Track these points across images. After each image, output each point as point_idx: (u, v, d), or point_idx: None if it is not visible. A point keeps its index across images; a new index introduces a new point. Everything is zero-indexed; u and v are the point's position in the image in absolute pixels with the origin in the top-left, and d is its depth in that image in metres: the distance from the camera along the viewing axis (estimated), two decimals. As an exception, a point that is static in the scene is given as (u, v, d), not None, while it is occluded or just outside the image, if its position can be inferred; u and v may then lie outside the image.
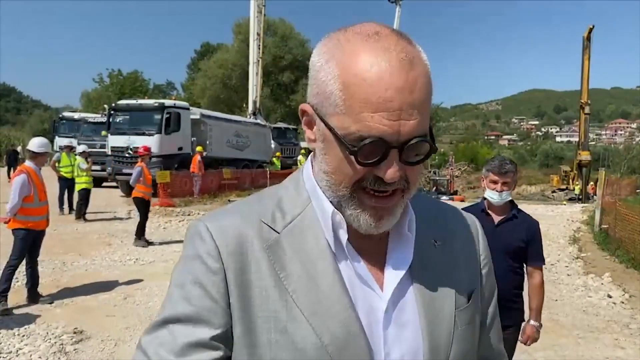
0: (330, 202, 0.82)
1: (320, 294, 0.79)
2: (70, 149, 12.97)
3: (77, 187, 12.11)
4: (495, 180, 3.02)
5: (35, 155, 5.99)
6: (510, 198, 3.09)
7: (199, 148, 17.62)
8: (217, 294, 0.78)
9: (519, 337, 3.12)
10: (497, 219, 3.09)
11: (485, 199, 3.14)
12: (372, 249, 0.86)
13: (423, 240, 0.88)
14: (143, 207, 9.71)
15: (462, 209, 3.28)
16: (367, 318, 0.80)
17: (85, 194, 12.05)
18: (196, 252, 0.81)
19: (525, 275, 3.17)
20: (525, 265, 3.15)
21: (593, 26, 33.72)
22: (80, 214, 12.03)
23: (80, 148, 12.69)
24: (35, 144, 6.01)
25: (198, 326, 0.77)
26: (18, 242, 5.72)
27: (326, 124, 0.76)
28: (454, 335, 0.86)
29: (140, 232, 9.61)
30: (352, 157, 0.74)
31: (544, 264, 3.18)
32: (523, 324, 3.14)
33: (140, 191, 9.63)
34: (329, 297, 0.79)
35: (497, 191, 3.02)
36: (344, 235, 0.82)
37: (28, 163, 5.96)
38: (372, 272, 0.84)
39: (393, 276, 0.84)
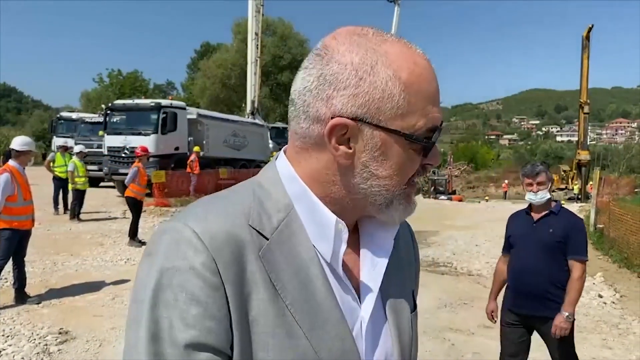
0: (332, 209, 0.79)
1: (316, 306, 0.75)
2: (65, 149, 12.96)
3: (70, 187, 12.09)
4: (530, 183, 3.35)
5: (18, 154, 5.96)
6: (548, 196, 3.35)
7: (196, 148, 17.63)
8: (219, 313, 0.69)
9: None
10: (536, 217, 3.39)
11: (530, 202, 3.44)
12: (346, 258, 0.83)
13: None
14: (135, 207, 9.71)
15: (512, 214, 3.50)
16: (354, 332, 0.79)
17: (78, 195, 12.01)
18: (188, 263, 0.69)
19: None
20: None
21: (592, 25, 33.73)
22: (74, 214, 12.02)
23: (77, 148, 12.63)
24: (18, 142, 5.99)
25: (199, 352, 0.67)
26: (3, 242, 5.71)
27: (387, 129, 0.74)
28: (412, 338, 0.88)
29: (133, 232, 9.61)
30: (419, 152, 0.78)
31: (585, 258, 3.30)
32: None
33: (133, 191, 9.61)
34: (323, 309, 0.75)
35: (533, 192, 3.34)
36: (343, 246, 0.78)
37: (11, 162, 5.92)
38: (351, 281, 0.82)
39: (371, 287, 0.82)
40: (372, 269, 0.83)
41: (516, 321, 3.43)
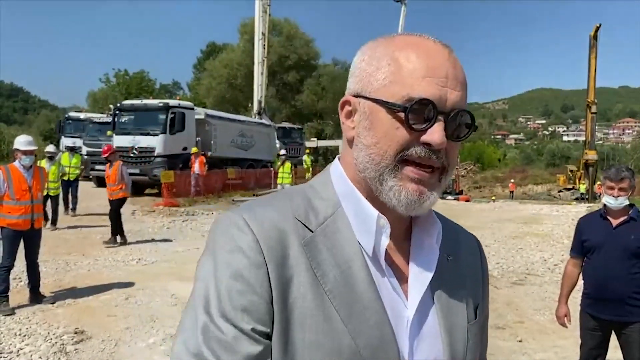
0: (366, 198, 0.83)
1: (355, 296, 0.78)
2: (71, 149, 12.98)
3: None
4: (612, 187, 3.27)
5: (19, 154, 6.01)
6: (627, 202, 3.29)
7: (194, 149, 17.55)
8: (261, 289, 0.74)
9: None
10: (615, 222, 3.32)
11: (605, 205, 3.38)
12: (396, 256, 0.87)
13: (440, 253, 0.90)
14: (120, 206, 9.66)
15: (582, 217, 3.29)
16: (395, 325, 0.81)
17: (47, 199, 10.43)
18: (235, 244, 0.76)
19: None
20: None
21: (600, 25, 33.52)
22: (47, 218, 10.28)
23: (49, 147, 11.90)
24: (22, 142, 6.04)
25: (244, 321, 0.73)
26: (3, 241, 5.79)
27: (372, 99, 0.79)
28: (467, 348, 0.88)
29: (116, 231, 9.60)
30: (402, 121, 0.76)
31: None
32: None
33: (122, 190, 9.51)
34: (363, 300, 0.78)
35: (613, 196, 3.26)
36: (385, 240, 0.81)
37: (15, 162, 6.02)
38: (399, 279, 0.85)
39: (418, 286, 0.84)
40: (420, 273, 0.85)
41: (596, 327, 3.41)
